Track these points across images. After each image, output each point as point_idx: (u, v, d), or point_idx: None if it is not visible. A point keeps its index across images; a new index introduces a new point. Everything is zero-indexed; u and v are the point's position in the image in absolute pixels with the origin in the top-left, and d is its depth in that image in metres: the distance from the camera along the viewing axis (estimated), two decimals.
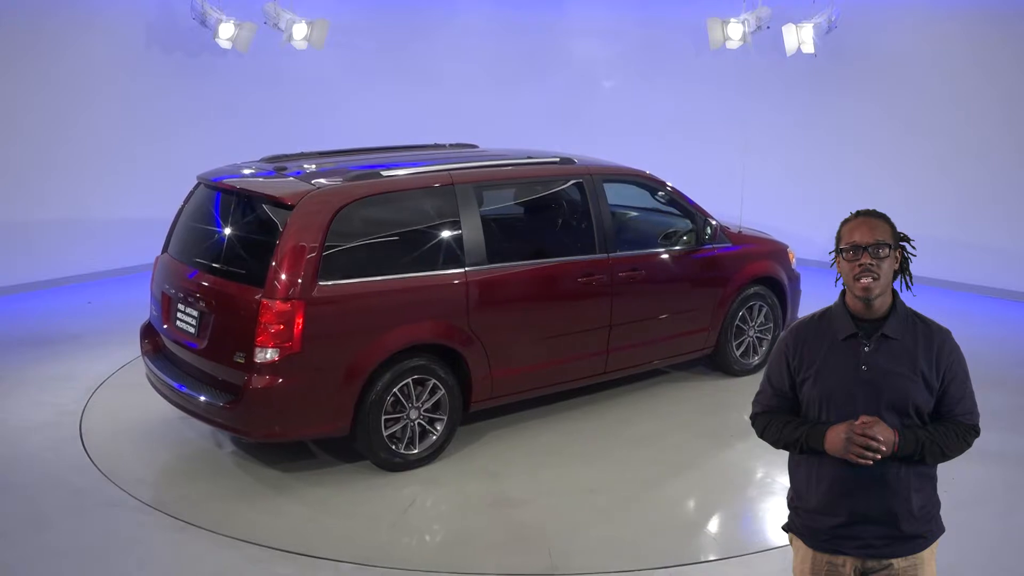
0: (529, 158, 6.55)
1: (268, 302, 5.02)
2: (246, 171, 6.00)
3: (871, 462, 2.72)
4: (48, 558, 4.55)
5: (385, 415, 5.38)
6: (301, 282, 5.06)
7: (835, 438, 2.76)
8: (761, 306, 7.18)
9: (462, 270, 5.62)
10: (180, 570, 4.52)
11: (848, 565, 2.88)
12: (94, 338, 7.99)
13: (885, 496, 2.80)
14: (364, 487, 5.34)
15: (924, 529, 2.87)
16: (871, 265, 2.76)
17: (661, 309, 6.62)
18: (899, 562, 2.85)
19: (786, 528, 3.09)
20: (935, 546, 2.92)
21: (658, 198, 6.93)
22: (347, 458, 5.63)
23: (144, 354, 6.07)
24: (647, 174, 6.83)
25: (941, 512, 2.95)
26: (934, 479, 2.92)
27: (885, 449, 2.71)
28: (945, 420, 2.84)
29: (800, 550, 3.00)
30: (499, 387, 5.88)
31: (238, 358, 5.13)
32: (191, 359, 5.57)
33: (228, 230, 5.59)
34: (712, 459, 5.85)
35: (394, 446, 5.45)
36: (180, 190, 6.28)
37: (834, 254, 2.88)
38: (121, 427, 6.13)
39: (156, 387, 5.86)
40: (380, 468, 5.48)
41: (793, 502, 3.04)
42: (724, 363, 7.14)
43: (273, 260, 5.08)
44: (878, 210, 2.89)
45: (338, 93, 11.42)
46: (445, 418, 5.62)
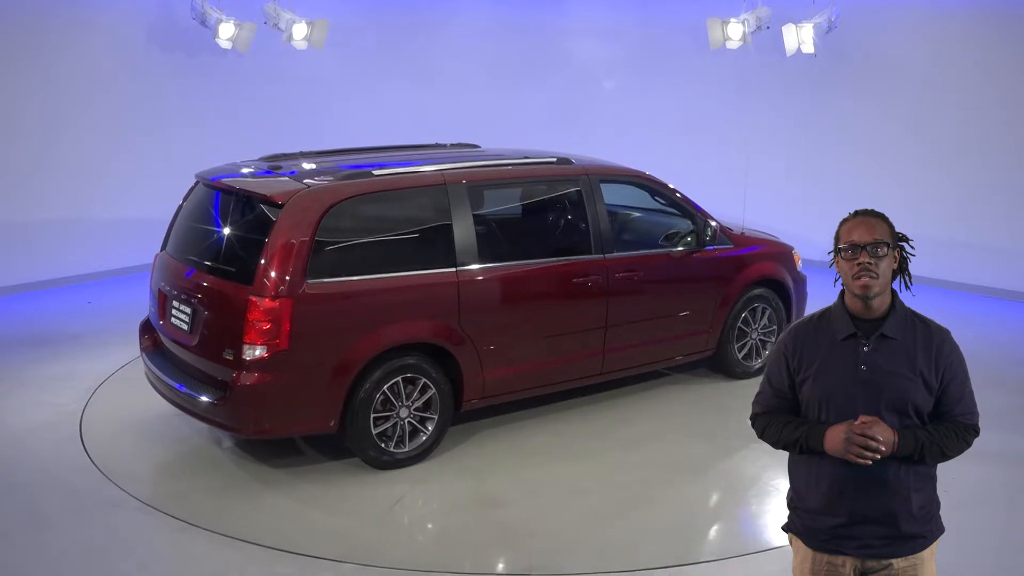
0: (526, 158, 6.53)
1: (256, 299, 5.06)
2: (244, 170, 6.02)
3: (870, 462, 2.72)
4: (48, 558, 4.55)
5: (375, 413, 5.39)
6: (289, 280, 5.09)
7: (834, 438, 2.76)
8: (764, 308, 7.11)
9: (453, 270, 5.62)
10: (180, 570, 4.52)
11: (848, 565, 2.88)
12: (94, 338, 8.00)
13: (885, 496, 2.80)
14: (353, 484, 5.35)
15: (924, 529, 2.87)
16: (870, 264, 2.77)
17: (659, 311, 6.58)
18: (899, 562, 2.85)
19: (786, 528, 3.09)
20: (935, 546, 2.92)
21: (657, 199, 6.88)
22: (338, 455, 5.65)
23: (143, 350, 6.12)
24: (646, 175, 6.79)
25: (941, 512, 2.95)
26: (934, 479, 2.92)
27: (884, 449, 2.71)
28: (945, 420, 2.84)
29: (800, 550, 3.00)
30: (491, 387, 5.87)
31: (227, 355, 5.17)
32: (184, 356, 5.61)
33: (221, 228, 5.62)
34: (711, 459, 5.84)
35: (384, 444, 5.46)
36: (180, 190, 6.29)
37: (833, 254, 2.88)
38: (121, 427, 6.14)
39: (152, 384, 5.90)
40: (369, 466, 5.49)
41: (793, 502, 3.04)
42: (726, 366, 7.09)
43: (262, 258, 5.12)
44: (876, 210, 2.89)
45: (338, 93, 11.41)
46: (436, 417, 5.62)
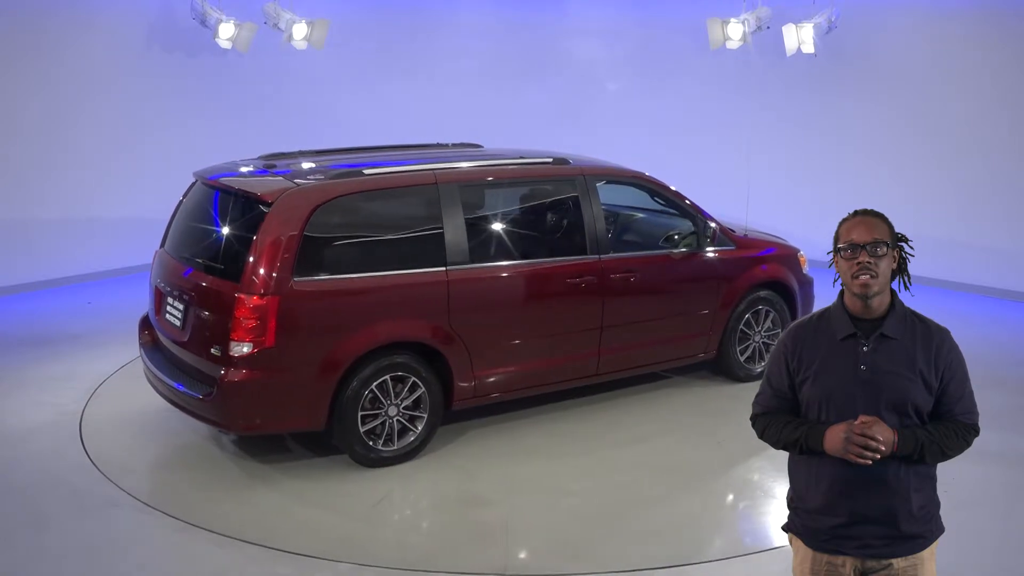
0: (522, 158, 6.49)
1: (243, 297, 5.09)
2: (242, 169, 6.04)
3: (870, 462, 2.72)
4: (48, 558, 4.55)
5: (363, 411, 5.40)
6: (276, 277, 5.11)
7: (834, 438, 2.76)
8: (768, 311, 7.02)
9: (443, 269, 5.61)
10: (180, 570, 4.52)
11: (848, 565, 2.88)
12: (94, 338, 8.00)
13: (885, 496, 2.80)
14: (339, 481, 5.37)
15: (924, 529, 2.87)
16: (869, 263, 2.77)
17: (656, 312, 6.53)
18: (899, 562, 2.85)
19: (786, 528, 3.09)
20: (935, 546, 2.92)
21: (657, 199, 6.83)
22: (328, 452, 5.67)
23: (141, 345, 6.15)
24: (645, 175, 6.74)
25: (941, 512, 2.95)
26: (934, 479, 2.92)
27: (884, 449, 2.71)
28: (944, 420, 2.84)
29: (800, 550, 3.00)
30: (482, 387, 5.86)
31: (215, 351, 5.20)
32: (177, 352, 5.64)
33: (214, 226, 5.65)
34: (710, 460, 5.83)
35: (371, 442, 5.46)
36: (180, 190, 6.30)
37: (832, 254, 2.88)
38: (121, 427, 6.14)
39: (148, 380, 5.94)
40: (357, 464, 5.49)
41: (793, 502, 3.04)
42: (727, 368, 7.03)
43: (250, 255, 5.15)
44: (876, 210, 2.89)
45: (338, 93, 11.41)
46: (425, 416, 5.62)
